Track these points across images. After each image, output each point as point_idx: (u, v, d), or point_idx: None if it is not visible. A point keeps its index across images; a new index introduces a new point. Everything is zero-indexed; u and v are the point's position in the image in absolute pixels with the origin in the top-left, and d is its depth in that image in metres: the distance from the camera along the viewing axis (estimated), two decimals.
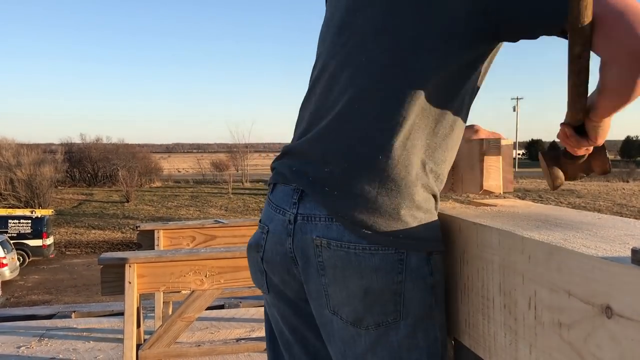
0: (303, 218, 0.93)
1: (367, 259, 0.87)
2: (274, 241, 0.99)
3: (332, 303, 0.92)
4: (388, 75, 0.88)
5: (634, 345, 0.44)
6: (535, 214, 0.77)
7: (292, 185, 0.96)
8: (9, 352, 3.27)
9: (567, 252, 0.53)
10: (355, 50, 0.92)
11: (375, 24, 0.91)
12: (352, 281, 0.89)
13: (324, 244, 0.90)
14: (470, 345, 0.77)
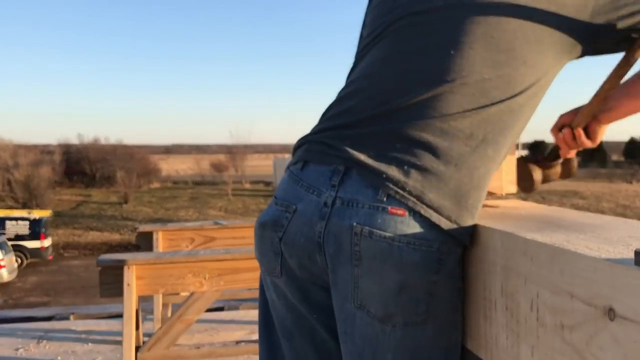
0: (343, 202, 0.87)
1: (410, 253, 0.83)
2: (302, 222, 0.91)
3: (360, 296, 0.87)
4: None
5: (637, 348, 0.44)
6: (537, 216, 0.77)
7: (333, 166, 0.89)
8: (7, 355, 3.26)
9: (570, 254, 0.52)
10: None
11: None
12: (389, 275, 0.84)
13: (365, 232, 0.84)
14: (472, 347, 0.77)
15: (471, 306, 0.76)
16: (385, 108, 0.89)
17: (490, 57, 0.85)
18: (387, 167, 0.84)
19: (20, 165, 27.27)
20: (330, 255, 0.88)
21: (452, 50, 0.86)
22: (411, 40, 0.91)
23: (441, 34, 0.88)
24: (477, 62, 0.84)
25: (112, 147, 35.49)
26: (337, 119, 0.93)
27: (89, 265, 16.43)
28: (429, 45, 0.88)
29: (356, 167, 0.87)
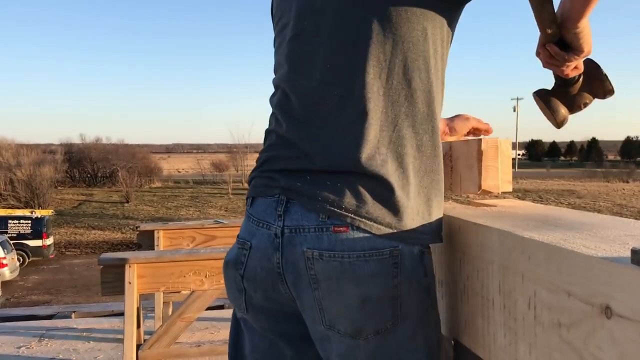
0: (291, 230, 0.89)
1: (362, 266, 0.85)
2: (259, 257, 0.93)
3: (327, 317, 0.89)
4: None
5: (634, 346, 0.44)
6: (535, 215, 0.77)
7: (276, 197, 0.91)
8: (9, 353, 3.27)
9: (567, 253, 0.53)
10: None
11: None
12: (348, 291, 0.86)
13: (315, 255, 0.87)
14: (470, 346, 0.77)
15: (469, 305, 0.77)
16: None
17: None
18: (321, 190, 0.86)
19: (22, 164, 27.32)
20: (291, 283, 0.90)
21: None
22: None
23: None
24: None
25: (114, 147, 35.55)
26: (271, 149, 0.96)
27: (90, 264, 16.47)
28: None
29: (295, 195, 0.89)
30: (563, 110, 1.02)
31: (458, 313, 0.81)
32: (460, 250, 0.79)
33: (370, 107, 0.85)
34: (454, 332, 0.83)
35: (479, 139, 0.92)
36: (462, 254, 0.78)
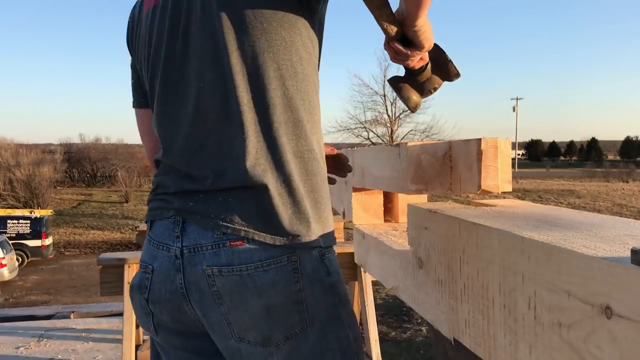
0: (190, 250, 0.90)
1: (262, 276, 0.86)
2: (162, 279, 0.95)
3: (236, 330, 0.90)
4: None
5: (634, 346, 0.44)
6: (535, 214, 0.77)
7: (172, 219, 0.93)
8: (8, 353, 3.27)
9: (567, 253, 0.53)
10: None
11: None
12: (252, 302, 0.88)
13: (215, 272, 0.88)
14: (470, 346, 0.77)
15: (469, 305, 0.77)
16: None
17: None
18: (213, 208, 0.89)
19: (21, 164, 27.30)
20: (196, 302, 0.91)
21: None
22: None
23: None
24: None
25: (113, 147, 35.54)
26: (163, 173, 0.98)
27: (89, 264, 16.46)
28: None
29: (189, 215, 0.91)
30: (415, 96, 1.11)
31: (458, 313, 0.81)
32: (460, 250, 0.79)
33: (245, 120, 0.87)
34: (454, 332, 0.83)
35: (479, 139, 0.92)
36: (462, 254, 0.78)
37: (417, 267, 0.92)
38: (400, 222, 1.36)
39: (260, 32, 0.88)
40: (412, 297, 0.96)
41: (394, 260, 1.05)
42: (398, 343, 5.34)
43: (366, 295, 2.36)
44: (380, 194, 1.35)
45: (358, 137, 27.42)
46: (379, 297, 6.58)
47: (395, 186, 1.08)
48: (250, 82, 0.89)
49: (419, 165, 0.98)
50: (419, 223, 0.89)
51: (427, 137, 25.94)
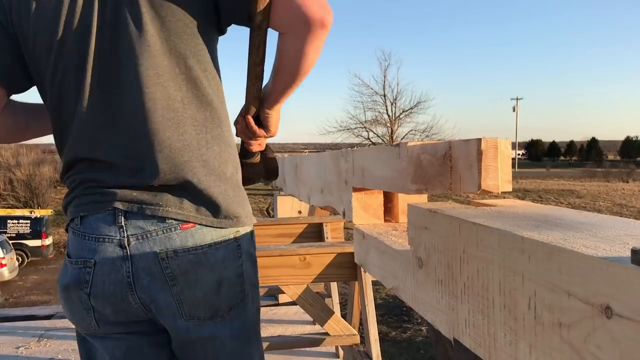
0: (137, 238, 0.95)
1: (214, 253, 0.98)
2: (106, 271, 0.97)
3: (186, 309, 0.99)
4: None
5: (634, 345, 0.44)
6: (535, 214, 0.77)
7: (112, 210, 0.96)
8: (8, 353, 3.27)
9: (567, 252, 0.53)
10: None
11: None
12: (206, 279, 0.98)
13: (170, 254, 0.95)
14: (470, 346, 0.77)
15: (469, 304, 0.77)
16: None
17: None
18: (160, 197, 0.96)
19: (22, 164, 27.29)
20: (144, 288, 0.97)
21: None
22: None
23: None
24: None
25: None
26: (92, 167, 1.00)
27: None
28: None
29: (134, 205, 0.96)
30: (246, 178, 1.24)
31: (458, 313, 0.81)
32: (460, 250, 0.79)
33: (181, 116, 0.97)
34: (454, 332, 0.83)
35: (479, 139, 0.92)
36: (462, 254, 0.78)
37: (417, 267, 0.92)
38: (400, 222, 1.36)
39: (190, 36, 0.97)
40: (412, 297, 0.96)
41: (394, 260, 1.05)
42: (398, 343, 5.34)
43: (366, 295, 2.36)
44: (380, 194, 1.35)
45: (358, 137, 27.43)
46: (379, 297, 6.59)
47: (395, 186, 1.08)
48: (183, 81, 0.97)
49: (419, 165, 0.97)
50: (419, 223, 0.89)
51: (427, 137, 25.96)
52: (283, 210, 4.11)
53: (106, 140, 0.98)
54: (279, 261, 2.20)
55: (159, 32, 0.95)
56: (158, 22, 0.95)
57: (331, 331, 2.35)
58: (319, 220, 3.30)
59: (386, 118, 27.27)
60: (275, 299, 4.17)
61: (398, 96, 27.23)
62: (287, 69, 1.02)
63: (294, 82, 1.04)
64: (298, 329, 3.59)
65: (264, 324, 3.67)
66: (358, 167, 1.32)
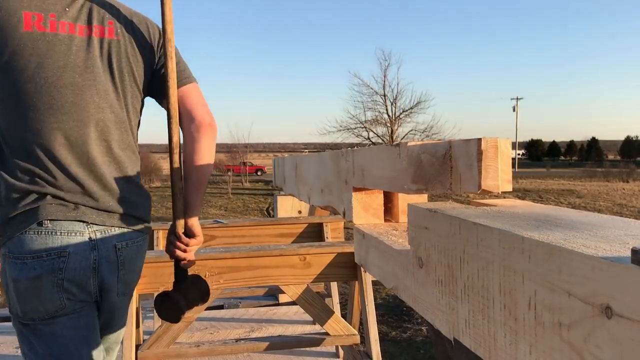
0: (102, 233, 1.32)
1: (142, 245, 1.45)
2: (78, 259, 1.28)
3: (122, 287, 1.39)
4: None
5: (634, 345, 0.44)
6: (535, 214, 0.77)
7: (80, 211, 1.30)
8: (8, 352, 3.27)
9: (567, 252, 0.53)
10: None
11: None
12: (138, 264, 1.44)
13: (123, 245, 1.36)
14: (470, 346, 0.77)
15: (469, 304, 0.77)
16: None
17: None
18: (111, 204, 1.35)
19: None
20: (104, 271, 1.33)
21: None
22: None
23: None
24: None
25: None
26: (49, 176, 1.30)
27: None
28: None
29: (94, 210, 1.32)
30: (183, 305, 1.52)
31: (458, 313, 0.81)
32: (461, 249, 0.79)
33: (127, 148, 1.44)
34: (454, 332, 0.83)
35: (479, 139, 0.92)
36: (462, 254, 0.78)
37: (417, 267, 0.92)
38: (400, 222, 1.36)
39: (135, 99, 1.45)
40: (412, 297, 0.96)
41: (394, 260, 1.05)
42: (398, 343, 5.34)
43: (366, 295, 2.36)
44: (380, 194, 1.35)
45: (358, 137, 27.42)
46: (379, 297, 6.58)
47: (395, 186, 1.08)
48: (127, 124, 1.43)
49: (419, 165, 0.97)
50: (419, 223, 0.89)
51: (427, 136, 25.94)
52: (283, 210, 4.11)
53: (70, 158, 1.39)
54: (279, 261, 2.20)
55: (125, 92, 1.45)
56: (128, 87, 1.45)
57: (331, 331, 2.35)
58: (319, 220, 3.30)
59: (386, 118, 27.26)
60: (276, 299, 4.17)
61: (398, 96, 27.23)
62: (203, 168, 1.45)
63: (205, 177, 1.46)
64: (298, 329, 3.59)
65: (264, 324, 3.68)
66: (358, 167, 1.32)
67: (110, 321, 1.44)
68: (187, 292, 1.48)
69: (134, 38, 1.37)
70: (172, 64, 1.38)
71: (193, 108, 1.43)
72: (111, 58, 1.33)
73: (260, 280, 2.21)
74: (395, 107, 27.11)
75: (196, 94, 1.45)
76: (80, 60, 1.29)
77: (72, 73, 1.28)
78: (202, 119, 1.42)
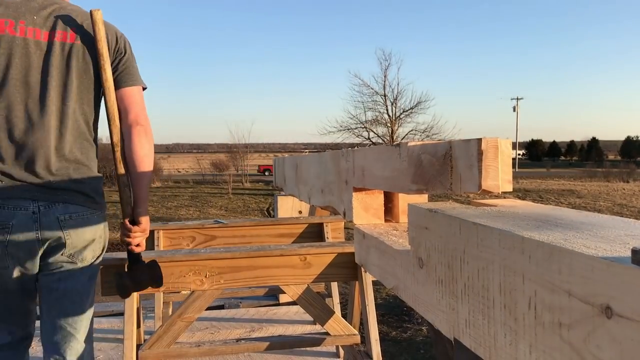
0: (45, 207, 1.53)
1: (90, 218, 1.62)
2: (21, 231, 1.49)
3: (69, 252, 1.58)
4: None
5: (634, 346, 0.44)
6: (535, 214, 0.77)
7: (26, 188, 1.52)
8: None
9: (568, 253, 0.53)
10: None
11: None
12: (85, 234, 1.60)
13: (67, 217, 1.56)
14: (471, 346, 0.77)
15: (469, 304, 0.77)
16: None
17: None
18: (58, 183, 1.57)
19: None
20: (48, 240, 1.54)
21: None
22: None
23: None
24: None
25: None
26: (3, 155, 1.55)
27: None
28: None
29: (41, 187, 1.53)
30: (128, 287, 1.77)
31: (458, 313, 0.81)
32: (461, 250, 0.79)
33: (83, 140, 1.70)
34: (455, 332, 0.83)
35: (479, 139, 0.92)
36: (462, 254, 0.78)
37: (417, 267, 0.92)
38: (400, 222, 1.36)
39: (91, 93, 1.67)
40: (413, 297, 0.96)
41: (394, 260, 1.05)
42: (398, 343, 5.34)
43: (366, 295, 2.36)
44: (380, 194, 1.35)
45: (359, 137, 27.40)
46: (379, 297, 6.58)
47: (395, 186, 1.08)
48: (82, 115, 1.67)
49: (419, 165, 0.98)
50: (419, 223, 0.89)
51: (427, 137, 25.93)
52: (283, 210, 4.11)
53: (18, 145, 1.61)
54: (280, 261, 2.20)
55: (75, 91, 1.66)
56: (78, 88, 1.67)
57: (332, 331, 2.36)
58: (319, 220, 3.30)
59: (386, 118, 27.26)
60: (276, 299, 4.17)
61: (398, 96, 27.22)
62: (146, 162, 1.67)
63: (140, 175, 1.66)
64: (298, 329, 3.59)
65: (264, 324, 3.68)
66: (358, 167, 1.32)
67: (63, 298, 1.58)
68: (137, 274, 1.73)
69: (92, 42, 1.63)
70: (106, 74, 1.65)
71: (129, 108, 1.66)
72: (70, 59, 1.58)
73: (260, 281, 2.21)
74: (395, 107, 27.11)
75: (135, 96, 1.68)
76: (44, 60, 1.55)
77: (35, 72, 1.55)
78: (135, 119, 1.66)
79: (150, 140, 1.69)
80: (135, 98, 1.68)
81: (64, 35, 1.59)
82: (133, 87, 1.68)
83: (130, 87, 1.68)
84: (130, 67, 1.69)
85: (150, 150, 1.68)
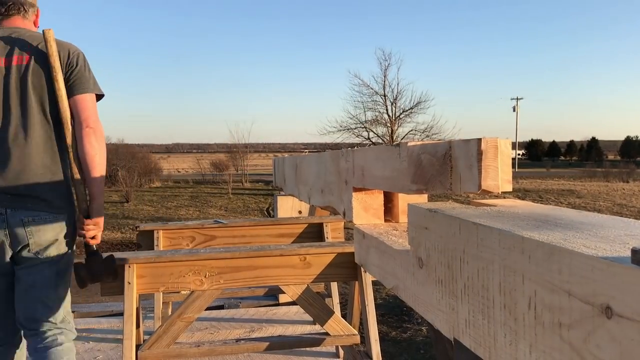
0: (12, 209, 1.79)
1: (52, 221, 1.84)
2: None
3: (33, 249, 1.83)
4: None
5: (634, 345, 0.44)
6: (535, 214, 0.77)
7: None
8: None
9: (567, 252, 0.53)
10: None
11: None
12: (47, 234, 1.84)
13: (30, 220, 1.81)
14: (470, 346, 0.77)
15: (469, 304, 0.77)
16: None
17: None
18: (21, 189, 1.80)
19: None
20: (14, 240, 1.81)
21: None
22: None
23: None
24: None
25: (114, 147, 35.44)
26: None
27: None
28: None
29: (8, 194, 1.78)
30: (84, 277, 2.00)
31: (458, 313, 0.81)
32: (461, 250, 0.79)
33: (51, 151, 1.93)
34: (455, 332, 0.83)
35: (479, 139, 0.92)
36: (462, 254, 0.78)
37: (417, 267, 0.92)
38: (400, 222, 1.36)
39: (49, 105, 1.90)
40: (412, 297, 0.96)
41: (394, 260, 1.05)
42: (398, 343, 5.34)
43: (366, 295, 2.36)
44: (380, 194, 1.35)
45: (358, 137, 27.40)
46: (379, 297, 6.58)
47: (395, 186, 1.08)
48: (42, 125, 1.89)
49: (419, 165, 0.97)
50: (419, 223, 0.89)
51: (427, 136, 25.93)
52: (283, 210, 4.11)
53: None
54: (280, 261, 2.20)
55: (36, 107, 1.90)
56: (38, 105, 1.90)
57: (331, 331, 2.36)
58: (319, 220, 3.30)
59: (386, 118, 27.26)
60: (276, 299, 4.17)
61: (398, 96, 27.21)
62: (100, 163, 1.94)
63: (92, 174, 1.89)
64: (298, 329, 3.59)
65: (264, 324, 3.68)
66: (358, 167, 1.32)
67: (31, 289, 1.86)
68: (92, 266, 1.95)
69: (45, 59, 1.86)
70: (58, 84, 1.86)
71: (80, 113, 1.88)
72: (26, 77, 1.84)
73: (260, 281, 2.21)
74: (395, 107, 27.11)
75: (86, 102, 1.89)
76: (4, 82, 1.84)
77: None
78: (85, 122, 1.87)
79: (100, 141, 1.91)
80: (86, 104, 1.89)
81: (20, 58, 1.86)
82: (84, 94, 1.90)
83: (81, 94, 1.89)
84: (82, 78, 1.91)
85: (100, 149, 1.91)
